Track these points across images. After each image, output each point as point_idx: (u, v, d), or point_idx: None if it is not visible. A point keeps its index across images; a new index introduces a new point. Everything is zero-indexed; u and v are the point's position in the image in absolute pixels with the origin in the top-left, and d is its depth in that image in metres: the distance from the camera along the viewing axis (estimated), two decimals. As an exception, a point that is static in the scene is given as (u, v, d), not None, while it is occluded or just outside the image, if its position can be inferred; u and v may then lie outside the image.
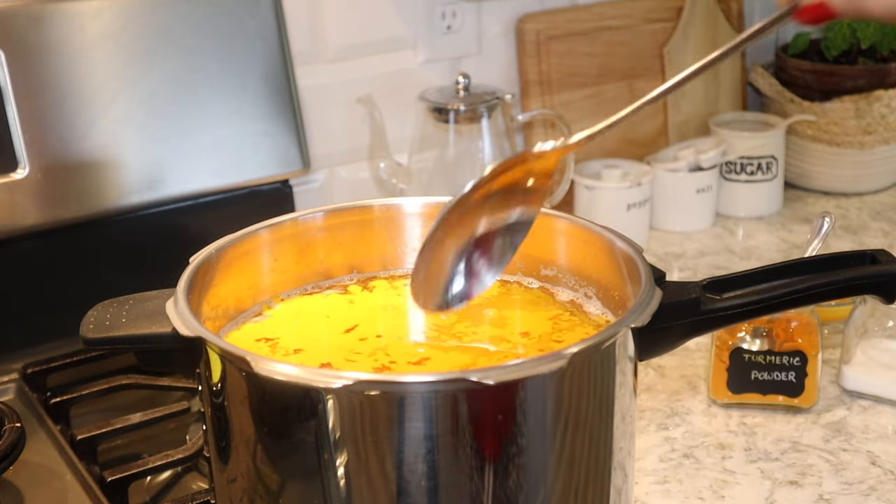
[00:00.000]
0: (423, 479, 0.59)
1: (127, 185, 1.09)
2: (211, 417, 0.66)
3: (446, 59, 1.39)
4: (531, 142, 1.45)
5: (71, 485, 0.89)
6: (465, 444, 0.59)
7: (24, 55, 1.04)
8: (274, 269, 0.79)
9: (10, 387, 1.04)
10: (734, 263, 1.30)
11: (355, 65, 1.32)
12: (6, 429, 0.87)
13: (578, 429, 0.63)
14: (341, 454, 0.59)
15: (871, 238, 1.37)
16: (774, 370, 0.97)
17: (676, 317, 0.67)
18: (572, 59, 1.46)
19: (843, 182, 1.49)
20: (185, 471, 0.91)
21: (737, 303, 0.68)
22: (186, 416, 0.97)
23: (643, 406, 1.00)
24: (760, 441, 0.95)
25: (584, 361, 0.61)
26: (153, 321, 0.66)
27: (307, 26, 1.26)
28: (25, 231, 1.06)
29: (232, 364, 0.61)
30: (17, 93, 1.03)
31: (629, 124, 1.52)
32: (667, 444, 0.95)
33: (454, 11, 1.37)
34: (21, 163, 1.04)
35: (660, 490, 0.89)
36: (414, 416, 0.58)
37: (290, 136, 1.18)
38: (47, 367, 1.03)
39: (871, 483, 0.89)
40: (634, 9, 1.50)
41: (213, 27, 1.13)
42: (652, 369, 1.06)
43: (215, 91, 1.14)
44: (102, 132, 1.08)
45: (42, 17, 1.04)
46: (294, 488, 0.63)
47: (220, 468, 0.67)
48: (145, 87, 1.10)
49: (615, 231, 0.75)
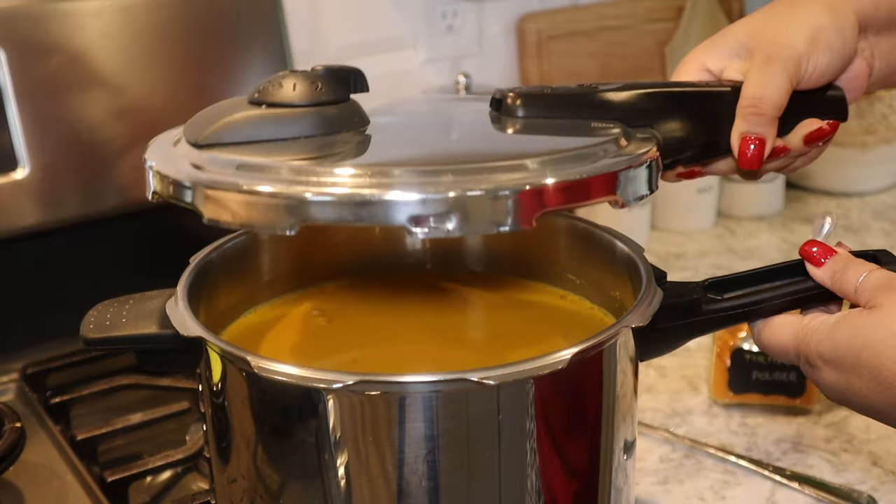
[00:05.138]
0: (424, 480, 0.59)
1: (127, 185, 1.09)
2: (211, 418, 0.66)
3: (447, 58, 1.39)
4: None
5: (71, 485, 0.89)
6: (466, 445, 0.59)
7: (25, 55, 1.04)
8: (274, 268, 0.79)
9: (10, 387, 1.04)
10: (735, 264, 1.30)
11: (355, 64, 1.32)
12: (6, 429, 0.87)
13: (579, 429, 0.63)
14: (342, 454, 0.59)
15: (873, 238, 1.37)
16: (776, 370, 0.97)
17: (677, 317, 0.67)
18: (573, 59, 1.46)
19: (844, 182, 1.49)
20: (186, 471, 0.91)
21: (738, 303, 0.68)
22: (186, 417, 0.97)
23: (644, 406, 1.00)
24: (762, 441, 0.95)
25: (585, 362, 0.61)
26: (153, 321, 0.66)
27: (307, 26, 1.26)
28: (25, 231, 1.06)
29: (232, 364, 0.61)
30: (17, 93, 1.03)
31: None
32: (668, 444, 0.95)
33: (455, 11, 1.37)
34: (21, 163, 1.04)
35: (661, 490, 0.89)
36: (414, 416, 0.58)
37: (290, 136, 1.18)
38: (47, 367, 1.03)
39: (872, 483, 0.89)
40: (635, 9, 1.50)
41: (213, 27, 1.13)
42: (653, 369, 1.06)
43: (215, 91, 1.13)
44: (103, 132, 1.08)
45: (42, 16, 1.04)
46: (294, 489, 0.63)
47: (220, 468, 0.67)
48: (145, 86, 1.10)
49: (616, 231, 0.75)
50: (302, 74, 0.64)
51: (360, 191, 0.55)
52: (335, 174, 0.56)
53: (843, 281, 0.64)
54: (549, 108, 0.67)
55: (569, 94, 0.68)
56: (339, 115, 0.63)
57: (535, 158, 0.58)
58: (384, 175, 0.55)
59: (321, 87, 0.63)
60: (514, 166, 0.57)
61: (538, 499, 0.62)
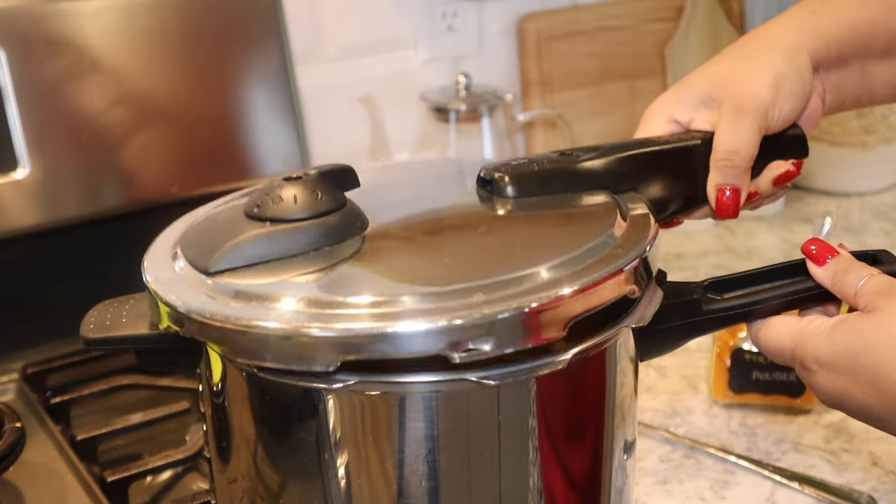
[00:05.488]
0: (424, 480, 0.59)
1: (127, 184, 1.09)
2: (211, 418, 0.66)
3: (447, 58, 1.39)
4: (532, 142, 1.45)
5: (71, 485, 0.89)
6: (466, 445, 0.59)
7: (25, 54, 1.04)
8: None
9: (10, 387, 1.04)
10: (735, 263, 1.30)
11: (356, 64, 1.32)
12: (6, 429, 0.87)
13: (579, 429, 0.63)
14: (342, 454, 0.59)
15: (873, 238, 1.37)
16: (776, 370, 0.97)
17: (677, 317, 0.67)
18: (573, 59, 1.46)
19: (844, 182, 1.49)
20: (186, 471, 0.91)
21: (738, 303, 0.68)
22: (186, 417, 0.97)
23: (644, 406, 1.00)
24: (762, 441, 0.95)
25: (585, 362, 0.61)
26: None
27: (307, 26, 1.26)
28: (25, 231, 1.06)
29: (232, 364, 0.61)
30: (17, 92, 1.03)
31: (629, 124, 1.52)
32: (667, 444, 0.95)
33: (455, 11, 1.37)
34: (21, 163, 1.04)
35: (660, 490, 0.89)
36: (415, 416, 0.58)
37: (289, 136, 1.18)
38: (47, 367, 1.03)
39: (872, 484, 0.89)
40: (635, 9, 1.50)
41: (213, 27, 1.13)
42: (653, 369, 1.06)
43: (215, 91, 1.13)
44: (102, 132, 1.08)
45: (42, 16, 1.04)
46: (294, 489, 0.63)
47: (220, 468, 0.67)
48: (145, 86, 1.10)
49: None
50: (299, 184, 0.63)
51: (396, 326, 0.54)
52: (364, 306, 0.55)
53: (843, 283, 0.64)
54: (538, 185, 0.68)
55: (554, 170, 0.69)
56: (342, 223, 0.63)
57: (553, 262, 0.58)
58: (414, 301, 0.55)
59: (321, 195, 0.63)
60: (535, 276, 0.57)
61: (538, 499, 0.62)
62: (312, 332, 0.55)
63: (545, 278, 0.57)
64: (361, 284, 0.59)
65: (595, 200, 0.68)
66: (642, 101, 1.52)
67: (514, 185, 0.68)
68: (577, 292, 0.57)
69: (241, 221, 0.63)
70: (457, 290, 0.56)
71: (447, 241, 0.65)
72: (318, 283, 0.59)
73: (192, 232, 0.66)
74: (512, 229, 0.66)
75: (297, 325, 0.55)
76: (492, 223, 0.67)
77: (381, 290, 0.57)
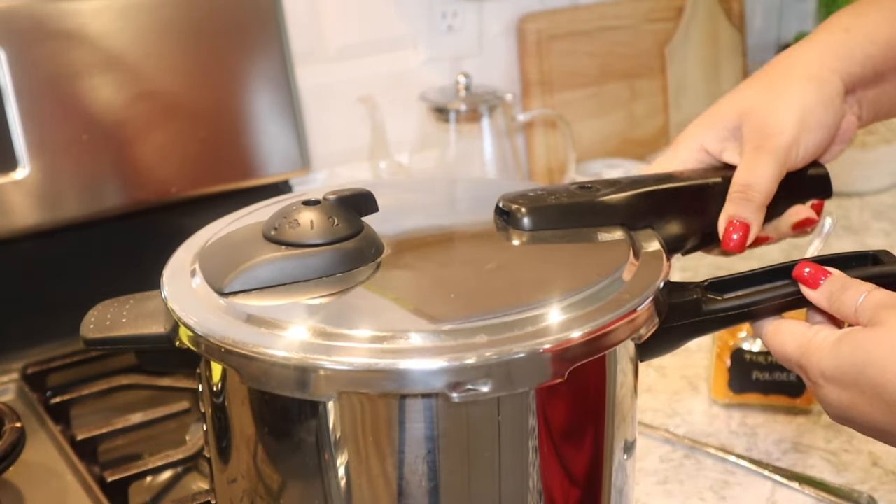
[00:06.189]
0: (424, 480, 0.59)
1: (127, 185, 1.09)
2: (211, 418, 0.66)
3: (447, 58, 1.39)
4: (532, 142, 1.45)
5: (71, 485, 0.89)
6: (466, 445, 0.59)
7: (25, 54, 1.04)
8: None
9: (10, 387, 1.04)
10: (735, 264, 1.30)
11: (356, 64, 1.32)
12: (6, 429, 0.87)
13: (579, 429, 0.63)
14: (342, 454, 0.59)
15: (873, 238, 1.37)
16: (776, 370, 0.97)
17: (677, 317, 0.67)
18: (573, 59, 1.46)
19: (844, 182, 1.49)
20: (186, 471, 0.91)
21: (738, 303, 0.67)
22: (186, 417, 0.97)
23: (644, 406, 1.00)
24: (762, 441, 0.95)
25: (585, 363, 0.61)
26: (153, 321, 0.66)
27: (307, 26, 1.26)
28: (25, 231, 1.06)
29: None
30: (17, 92, 1.03)
31: (629, 124, 1.53)
32: (668, 444, 0.95)
33: (455, 11, 1.37)
34: (21, 163, 1.04)
35: (661, 491, 0.89)
36: (415, 416, 0.58)
37: (290, 136, 1.18)
38: (47, 367, 1.03)
39: (872, 484, 0.89)
40: (636, 8, 1.50)
41: (214, 27, 1.13)
42: (653, 370, 1.06)
43: (215, 91, 1.13)
44: (102, 132, 1.08)
45: (42, 16, 1.04)
46: (294, 489, 0.63)
47: (220, 468, 0.67)
48: (145, 86, 1.10)
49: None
50: (316, 208, 0.63)
51: (397, 362, 0.55)
52: (366, 340, 0.56)
53: (841, 302, 0.64)
54: (555, 219, 0.68)
55: (572, 204, 0.69)
56: (357, 250, 0.63)
57: (560, 304, 0.58)
58: (416, 339, 0.56)
59: (337, 222, 0.63)
60: (540, 318, 0.57)
61: (538, 499, 0.62)
62: (317, 363, 0.56)
63: (550, 321, 0.57)
64: (367, 316, 0.59)
65: (610, 237, 0.67)
66: (642, 101, 1.52)
67: (531, 218, 0.68)
68: (580, 338, 0.57)
69: (259, 243, 0.64)
70: (460, 330, 0.56)
71: (458, 275, 0.65)
72: (325, 311, 0.60)
73: (211, 249, 0.67)
74: (523, 266, 0.65)
75: (303, 357, 0.56)
76: (504, 257, 0.66)
77: (385, 324, 0.57)
